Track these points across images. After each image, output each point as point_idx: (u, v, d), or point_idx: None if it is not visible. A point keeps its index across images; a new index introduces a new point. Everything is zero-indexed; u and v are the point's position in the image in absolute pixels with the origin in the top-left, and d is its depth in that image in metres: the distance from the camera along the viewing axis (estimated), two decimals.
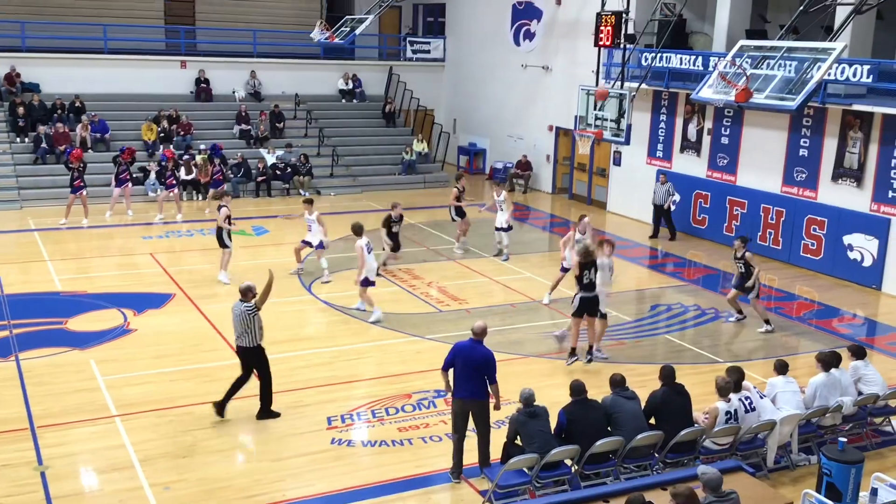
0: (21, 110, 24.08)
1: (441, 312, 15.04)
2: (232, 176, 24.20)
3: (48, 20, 27.01)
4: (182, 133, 25.39)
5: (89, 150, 23.95)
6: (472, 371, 9.06)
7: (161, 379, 11.74)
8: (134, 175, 22.25)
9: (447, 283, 16.69)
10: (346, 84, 29.41)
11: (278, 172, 25.00)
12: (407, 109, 30.26)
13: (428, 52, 31.27)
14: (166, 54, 28.10)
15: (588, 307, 12.56)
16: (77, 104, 25.09)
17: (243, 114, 26.62)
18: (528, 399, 8.76)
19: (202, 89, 27.40)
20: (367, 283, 14.44)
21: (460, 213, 19.26)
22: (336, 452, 9.93)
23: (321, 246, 16.86)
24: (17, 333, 13.19)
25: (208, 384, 11.62)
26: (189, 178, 23.45)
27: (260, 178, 24.67)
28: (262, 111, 27.09)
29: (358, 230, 14.52)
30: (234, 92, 27.87)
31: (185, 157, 23.93)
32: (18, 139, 23.96)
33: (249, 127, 26.49)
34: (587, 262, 12.49)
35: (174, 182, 21.96)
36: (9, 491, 8.75)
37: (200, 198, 23.64)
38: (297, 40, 29.94)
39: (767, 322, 14.60)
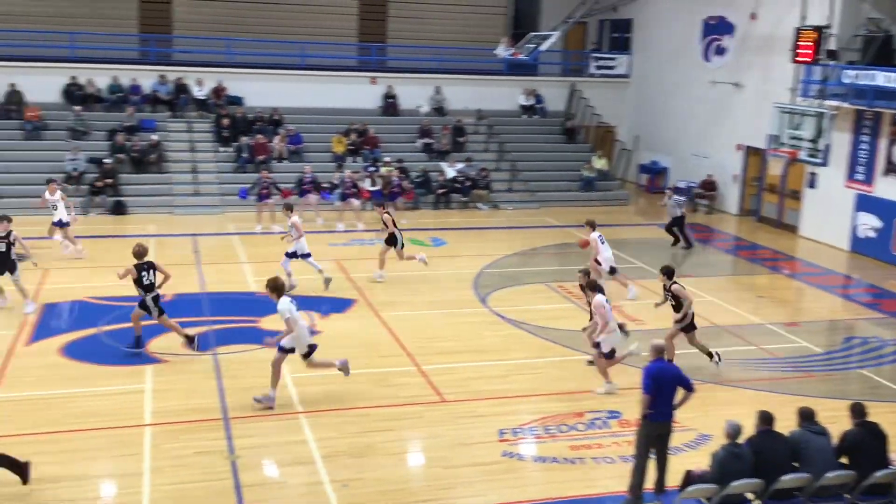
0: (226, 122, 25.89)
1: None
2: (412, 188, 24.89)
3: (252, 38, 28.88)
4: (369, 146, 26.41)
5: (284, 161, 25.40)
6: (670, 391, 8.88)
7: (342, 380, 12.18)
8: (323, 185, 23.37)
9: (622, 302, 16.38)
10: (528, 100, 29.58)
11: (458, 185, 25.48)
12: (588, 126, 30.05)
13: (612, 67, 30.91)
14: (358, 70, 29.36)
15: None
16: (275, 117, 26.67)
17: (426, 128, 27.36)
18: (735, 433, 8.35)
19: (389, 104, 28.41)
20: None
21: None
22: (507, 465, 9.96)
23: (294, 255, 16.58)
24: (215, 329, 14.13)
25: (385, 388, 12.00)
26: (373, 189, 24.33)
27: (440, 191, 25.24)
28: (444, 125, 27.73)
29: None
30: (418, 107, 28.69)
31: (371, 168, 24.86)
32: (222, 148, 25.75)
33: (432, 140, 27.18)
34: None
35: (357, 193, 22.88)
36: (202, 477, 9.38)
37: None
38: (481, 57, 30.48)
39: (710, 356, 13.07)
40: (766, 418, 8.59)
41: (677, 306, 12.78)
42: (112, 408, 10.88)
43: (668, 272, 12.85)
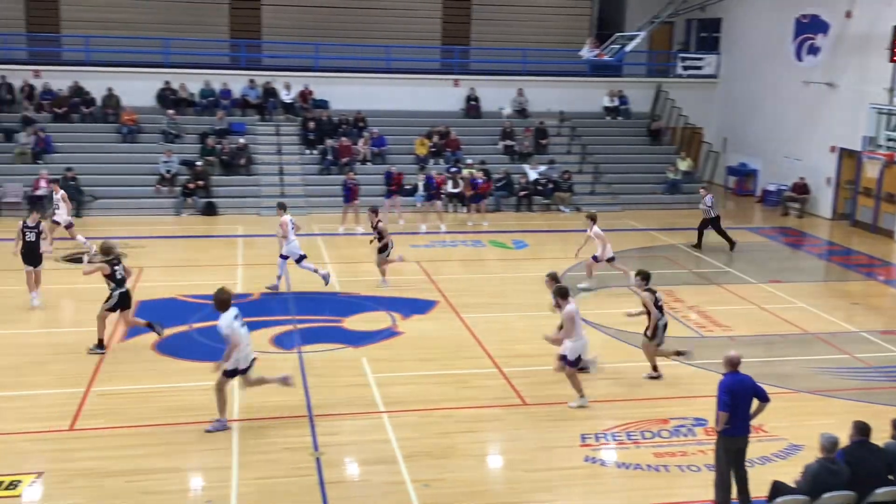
0: (311, 125, 26.38)
1: (703, 338, 14.47)
2: (494, 190, 24.89)
3: (337, 42, 29.32)
4: (451, 148, 26.53)
5: (368, 163, 25.74)
6: (746, 404, 8.64)
7: (424, 381, 12.30)
8: (405, 187, 23.60)
9: (710, 308, 16.04)
10: (612, 101, 29.24)
11: (540, 188, 25.36)
12: (673, 127, 29.52)
13: (700, 68, 30.30)
14: (441, 73, 29.53)
15: None
16: (360, 120, 27.04)
17: (509, 130, 27.32)
18: (831, 446, 8.04)
19: (471, 106, 28.48)
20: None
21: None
22: (589, 470, 9.87)
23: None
24: (300, 328, 14.42)
25: (466, 390, 12.03)
26: (455, 191, 24.41)
27: (522, 193, 25.17)
28: (526, 127, 27.65)
29: None
30: (500, 109, 28.68)
31: (453, 170, 24.97)
32: (308, 151, 26.24)
33: (514, 143, 27.12)
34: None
35: (440, 194, 23.01)
36: (288, 472, 9.58)
37: (464, 210, 24.49)
38: (564, 58, 30.27)
39: (654, 369, 12.55)
40: (862, 429, 8.28)
41: (650, 314, 12.25)
42: (202, 403, 11.19)
43: (644, 276, 12.38)
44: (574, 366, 11.37)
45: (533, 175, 25.66)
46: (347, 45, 28.94)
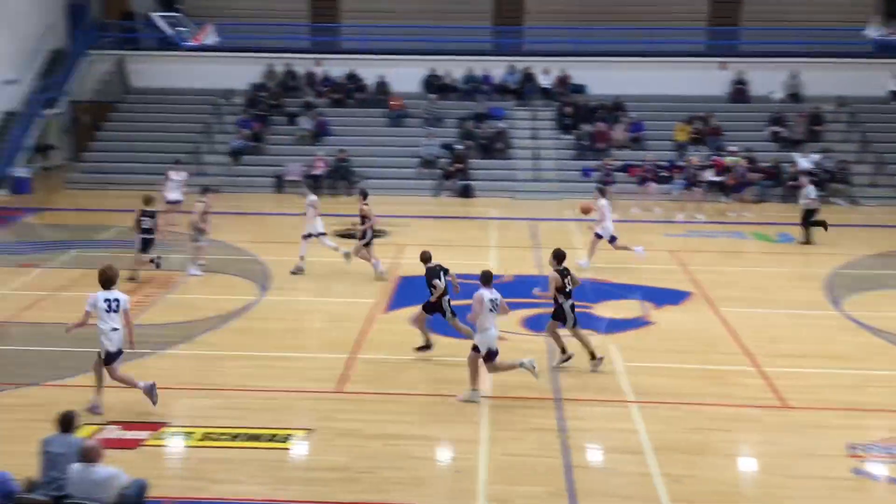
0: (568, 110, 26.37)
1: None
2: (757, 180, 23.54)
3: (599, 26, 29.00)
4: (713, 135, 25.40)
5: (625, 149, 25.31)
6: None
7: (675, 373, 11.91)
8: (662, 175, 22.96)
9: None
10: None
11: (813, 178, 23.57)
12: None
13: None
14: (706, 56, 28.29)
15: None
16: (617, 105, 26.62)
17: (779, 116, 25.67)
18: None
19: (738, 90, 27.07)
20: None
21: None
22: (855, 483, 9.08)
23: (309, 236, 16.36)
24: (548, 312, 14.47)
25: (720, 387, 11.51)
26: (716, 179, 23.35)
27: (791, 183, 23.55)
28: (800, 113, 25.84)
29: None
30: (770, 93, 27.00)
31: (714, 157, 23.91)
32: (563, 136, 26.27)
33: (783, 129, 25.44)
34: None
35: (699, 182, 22.11)
36: (534, 451, 9.66)
37: (726, 200, 23.39)
38: (845, 38, 27.85)
39: (563, 350, 11.84)
40: None
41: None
42: (455, 377, 11.61)
43: (557, 256, 12.02)
44: (490, 360, 10.82)
45: (805, 164, 23.94)
46: (608, 29, 28.51)
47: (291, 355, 12.52)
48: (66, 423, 7.68)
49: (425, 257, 12.48)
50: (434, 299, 12.20)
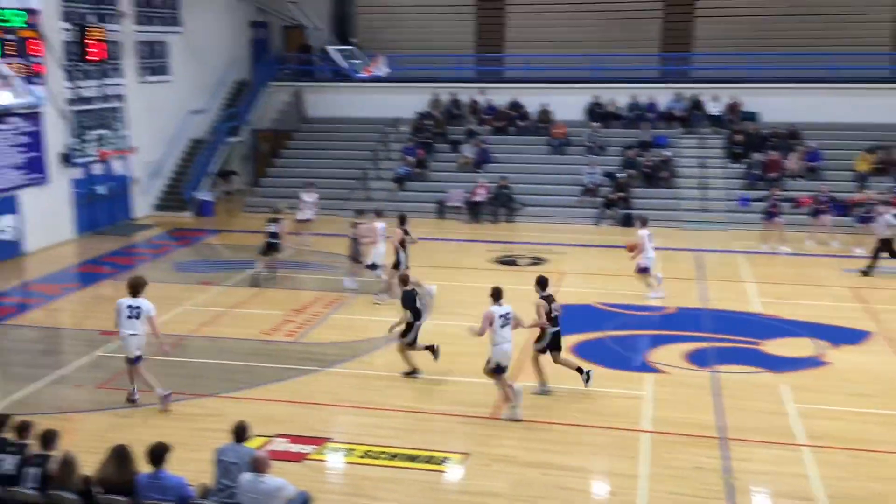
0: (739, 138, 25.43)
1: None
2: None
3: (772, 52, 27.85)
4: None
5: (799, 179, 24.12)
6: None
7: (855, 418, 11.15)
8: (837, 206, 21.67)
9: None
10: None
11: None
12: None
13: None
14: (890, 81, 26.59)
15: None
16: (792, 133, 25.43)
17: None
18: None
19: None
20: None
21: None
22: None
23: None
24: (713, 347, 13.95)
25: None
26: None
27: None
28: None
29: None
30: None
31: None
32: (732, 165, 25.33)
33: None
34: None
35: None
36: (696, 492, 9.30)
37: None
38: None
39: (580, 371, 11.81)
40: None
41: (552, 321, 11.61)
42: (613, 409, 11.37)
43: (541, 282, 11.82)
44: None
45: None
46: (783, 55, 27.32)
47: (449, 379, 12.67)
48: (240, 433, 8.09)
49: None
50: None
